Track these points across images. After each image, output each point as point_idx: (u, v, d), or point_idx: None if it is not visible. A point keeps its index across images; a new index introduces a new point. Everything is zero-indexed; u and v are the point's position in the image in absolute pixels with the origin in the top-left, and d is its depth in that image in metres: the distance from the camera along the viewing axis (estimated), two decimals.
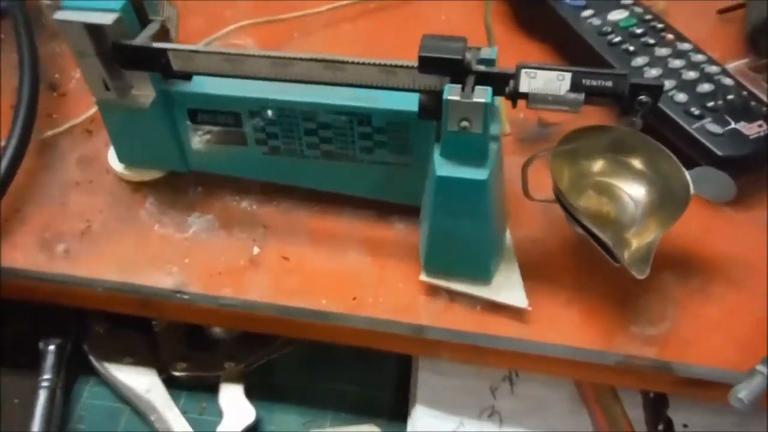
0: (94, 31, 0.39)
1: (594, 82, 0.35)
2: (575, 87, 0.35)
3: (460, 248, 0.41)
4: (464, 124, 0.36)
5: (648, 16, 0.55)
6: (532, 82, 0.35)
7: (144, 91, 0.43)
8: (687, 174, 0.41)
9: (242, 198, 0.49)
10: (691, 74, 0.50)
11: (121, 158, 0.49)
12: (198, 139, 0.47)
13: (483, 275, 0.43)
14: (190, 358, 0.50)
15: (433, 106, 0.38)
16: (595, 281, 0.43)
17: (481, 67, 0.37)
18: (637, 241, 0.40)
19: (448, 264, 0.43)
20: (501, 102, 0.40)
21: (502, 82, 0.36)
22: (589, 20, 0.55)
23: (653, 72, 0.50)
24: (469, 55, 0.36)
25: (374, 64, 0.37)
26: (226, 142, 0.46)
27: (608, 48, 0.53)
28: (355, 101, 0.42)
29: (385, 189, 0.46)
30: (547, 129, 0.53)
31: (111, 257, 0.46)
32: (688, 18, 0.63)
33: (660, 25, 0.54)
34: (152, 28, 0.41)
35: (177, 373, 0.50)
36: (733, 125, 0.47)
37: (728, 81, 0.50)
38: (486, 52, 0.38)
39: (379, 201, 0.47)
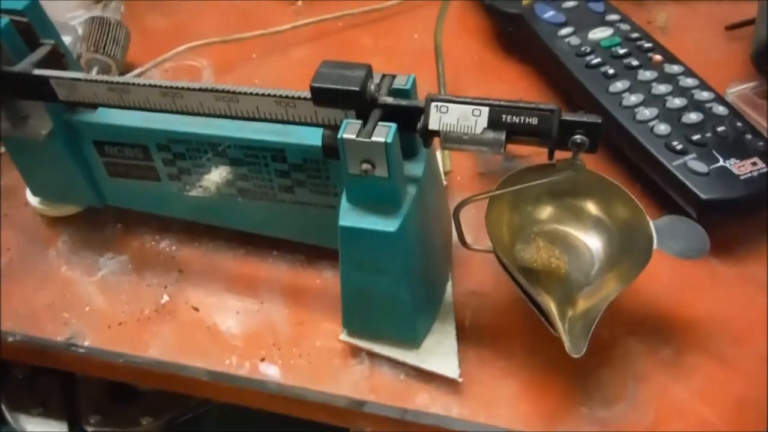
0: None
1: (516, 119, 0.29)
2: (494, 124, 0.29)
3: (378, 306, 0.36)
4: (365, 167, 0.30)
5: (635, 34, 0.48)
6: (443, 117, 0.29)
7: (40, 121, 0.39)
8: (651, 223, 0.34)
9: (162, 237, 0.44)
10: (677, 102, 0.43)
11: (34, 191, 0.45)
12: (108, 175, 0.42)
13: (409, 338, 0.37)
14: (107, 410, 0.46)
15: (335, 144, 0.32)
16: (543, 348, 0.36)
17: (388, 100, 0.31)
18: (586, 304, 0.33)
19: (370, 323, 0.37)
20: None
21: (411, 118, 0.30)
22: (567, 39, 0.49)
23: (633, 99, 0.43)
24: (374, 86, 0.31)
25: (270, 95, 0.32)
26: (138, 178, 0.41)
27: (585, 71, 0.46)
28: (266, 135, 0.37)
29: (312, 232, 0.41)
30: (512, 162, 0.47)
31: (8, 302, 0.41)
32: (693, 34, 0.56)
33: (648, 45, 0.47)
34: (40, 53, 0.37)
35: (89, 428, 0.45)
36: (721, 162, 0.40)
37: (721, 109, 0.42)
38: (400, 81, 0.32)
39: (309, 245, 0.42)
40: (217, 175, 0.39)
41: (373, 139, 0.29)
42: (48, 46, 0.37)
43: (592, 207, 0.36)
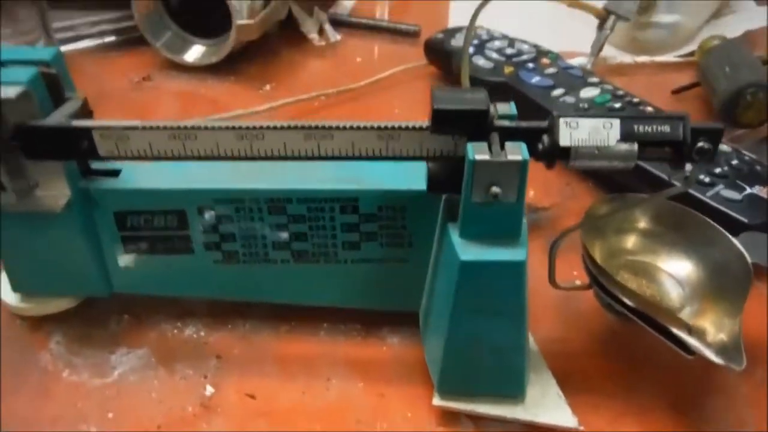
0: None
1: (648, 128, 0.28)
2: (626, 135, 0.28)
3: (487, 358, 0.32)
4: (495, 190, 0.28)
5: (620, 92, 0.52)
6: (573, 132, 0.28)
7: (54, 191, 0.33)
8: (736, 241, 0.35)
9: (185, 324, 0.38)
10: None
11: (17, 286, 0.37)
12: (126, 253, 0.36)
13: (516, 391, 0.33)
14: None
15: (445, 176, 0.30)
16: (644, 383, 0.35)
17: (505, 122, 0.30)
18: (699, 321, 0.32)
19: (471, 381, 0.33)
20: None
21: (532, 139, 0.29)
22: (562, 98, 0.51)
23: None
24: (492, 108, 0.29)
25: (371, 128, 0.29)
26: (165, 252, 0.36)
27: None
28: (337, 183, 0.34)
29: (375, 295, 0.37)
30: (536, 214, 0.46)
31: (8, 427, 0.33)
32: (644, 97, 0.61)
33: (635, 100, 0.51)
34: (71, 107, 0.31)
35: None
36: (749, 190, 0.42)
37: (725, 148, 0.46)
38: (504, 107, 0.31)
39: (365, 311, 0.37)
40: (269, 238, 0.35)
41: (510, 158, 0.27)
42: (78, 100, 0.32)
43: (673, 235, 0.36)
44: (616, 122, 0.28)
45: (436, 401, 0.33)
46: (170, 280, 0.37)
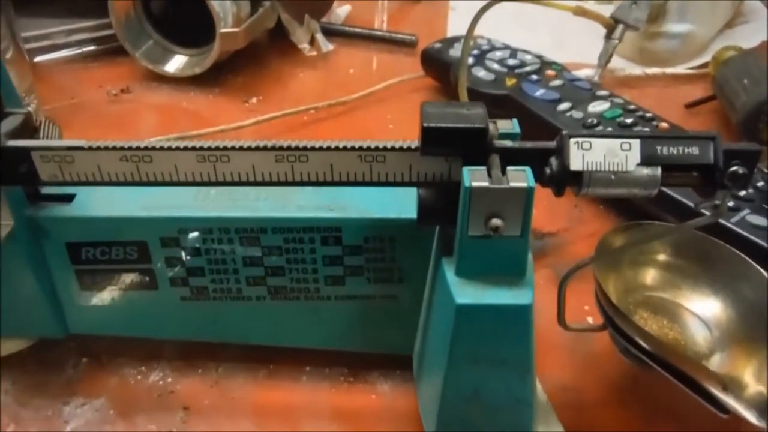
0: None
1: (673, 150, 0.24)
2: (648, 159, 0.24)
3: (490, 413, 0.28)
4: (495, 222, 0.24)
5: (631, 106, 0.48)
6: (586, 155, 0.24)
7: None
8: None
9: (150, 368, 0.34)
10: None
11: None
12: (82, 290, 0.32)
13: None
14: None
15: (439, 204, 0.26)
16: None
17: (507, 143, 0.26)
18: (744, 377, 0.28)
19: None
20: None
21: (538, 162, 0.25)
22: (568, 113, 0.47)
23: None
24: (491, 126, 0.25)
25: (352, 149, 0.26)
26: (125, 288, 0.32)
27: None
28: (317, 211, 0.30)
29: (363, 336, 0.33)
30: (542, 241, 0.42)
31: None
32: (659, 113, 0.57)
33: (648, 114, 0.47)
34: (11, 123, 0.28)
35: None
36: None
37: None
38: (504, 125, 0.27)
39: (351, 353, 0.33)
40: (242, 273, 0.31)
41: (512, 185, 0.23)
42: (20, 116, 0.28)
43: (697, 269, 0.32)
44: (636, 143, 0.24)
45: None
46: (133, 320, 0.33)
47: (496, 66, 0.52)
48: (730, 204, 0.38)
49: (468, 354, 0.26)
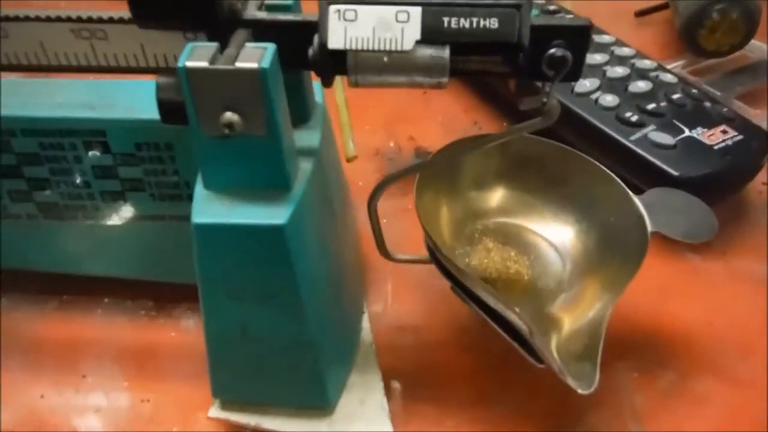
0: None
1: (465, 23, 0.18)
2: (431, 33, 0.18)
3: (267, 359, 0.23)
4: (229, 117, 0.18)
5: (552, 7, 0.41)
6: (350, 28, 0.18)
7: None
8: (637, 200, 0.25)
9: None
10: (619, 70, 0.35)
11: None
12: None
13: (317, 401, 0.24)
14: None
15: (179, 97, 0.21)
16: (512, 390, 0.26)
17: (260, 14, 0.20)
18: (571, 320, 0.23)
19: (254, 386, 0.24)
20: (344, 103, 0.23)
21: (298, 43, 0.19)
22: None
23: None
24: None
25: (64, 19, 0.20)
26: None
27: None
28: (73, 110, 0.24)
29: (158, 263, 0.28)
30: (427, 159, 0.37)
31: None
32: (603, 20, 0.50)
33: (568, 16, 0.40)
34: None
35: None
36: (687, 132, 0.32)
37: (669, 77, 0.35)
38: None
39: (160, 285, 0.29)
40: (2, 186, 0.26)
41: (239, 65, 0.18)
42: None
43: (550, 189, 0.26)
44: (416, 12, 0.18)
45: (213, 412, 0.25)
46: None
47: None
48: (634, 118, 0.32)
49: (223, 285, 0.21)
